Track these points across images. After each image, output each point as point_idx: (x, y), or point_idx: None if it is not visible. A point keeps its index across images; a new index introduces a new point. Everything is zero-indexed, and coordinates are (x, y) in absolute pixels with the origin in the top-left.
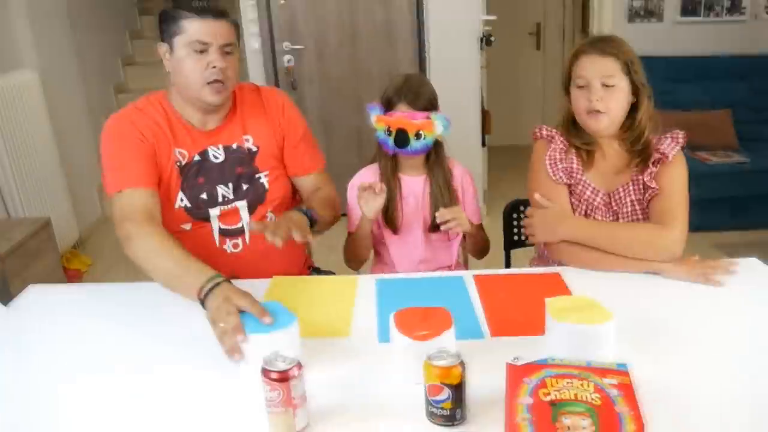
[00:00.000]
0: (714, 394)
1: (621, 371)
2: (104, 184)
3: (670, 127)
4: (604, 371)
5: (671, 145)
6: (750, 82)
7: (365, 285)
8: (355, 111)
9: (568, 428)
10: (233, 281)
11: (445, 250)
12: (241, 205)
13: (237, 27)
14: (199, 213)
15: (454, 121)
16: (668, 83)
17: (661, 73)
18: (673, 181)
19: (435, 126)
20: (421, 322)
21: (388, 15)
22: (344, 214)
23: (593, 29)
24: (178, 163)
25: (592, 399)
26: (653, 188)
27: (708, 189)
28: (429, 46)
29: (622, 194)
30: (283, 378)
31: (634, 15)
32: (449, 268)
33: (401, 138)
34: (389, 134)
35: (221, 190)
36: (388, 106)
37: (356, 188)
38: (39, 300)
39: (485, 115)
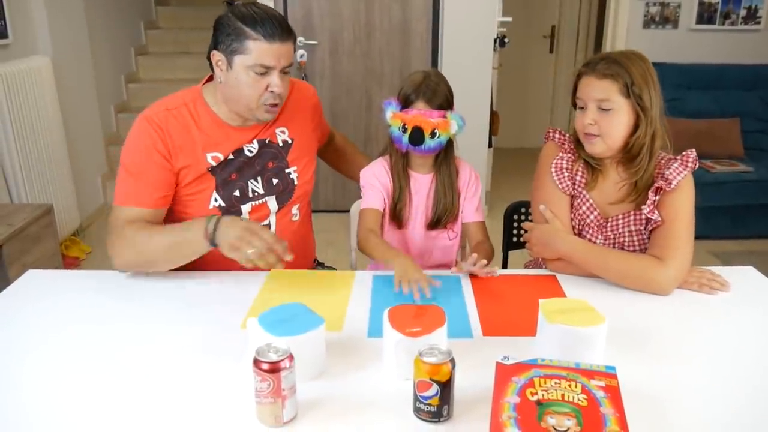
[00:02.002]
0: (703, 403)
1: (609, 374)
2: (116, 187)
3: (677, 135)
4: (592, 373)
5: (678, 170)
6: (761, 91)
7: (362, 280)
8: (364, 109)
9: (553, 427)
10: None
11: (442, 248)
12: (270, 199)
13: (296, 39)
14: (232, 211)
15: None
16: (680, 90)
17: (673, 80)
18: (678, 210)
19: (451, 125)
20: (414, 318)
21: (404, 14)
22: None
23: (608, 34)
24: (209, 168)
25: (579, 400)
26: (656, 220)
27: (709, 198)
28: (443, 46)
29: (620, 223)
30: (274, 369)
31: (649, 21)
32: (446, 266)
33: (416, 136)
34: (404, 131)
35: (252, 185)
36: (405, 103)
37: (367, 175)
38: (37, 285)
39: (493, 116)
